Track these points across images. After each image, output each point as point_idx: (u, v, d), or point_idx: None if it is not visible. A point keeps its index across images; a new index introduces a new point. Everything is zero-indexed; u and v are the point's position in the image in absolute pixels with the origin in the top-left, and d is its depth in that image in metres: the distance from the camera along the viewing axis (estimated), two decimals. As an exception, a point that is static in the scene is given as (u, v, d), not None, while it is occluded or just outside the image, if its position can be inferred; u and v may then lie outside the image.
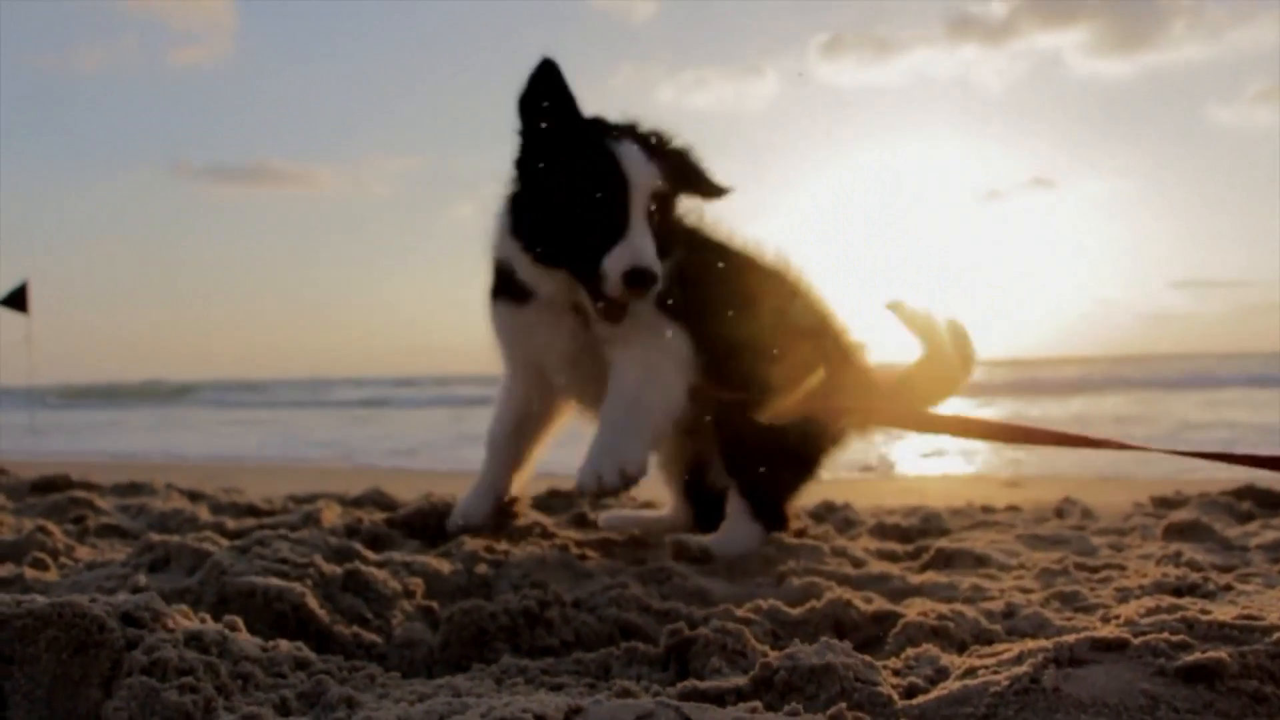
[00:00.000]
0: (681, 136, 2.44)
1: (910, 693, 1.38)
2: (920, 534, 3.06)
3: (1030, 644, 1.46)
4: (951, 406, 2.59)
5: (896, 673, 1.47)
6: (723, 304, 2.46)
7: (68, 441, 12.20)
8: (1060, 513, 3.57)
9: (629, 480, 2.30)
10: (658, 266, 2.22)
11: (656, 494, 3.21)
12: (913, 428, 2.71)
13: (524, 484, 2.86)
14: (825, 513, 3.35)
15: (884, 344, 2.74)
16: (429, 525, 2.93)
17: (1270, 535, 2.65)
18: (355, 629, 1.86)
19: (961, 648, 1.69)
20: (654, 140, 2.38)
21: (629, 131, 2.36)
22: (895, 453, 7.62)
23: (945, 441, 8.49)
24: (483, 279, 2.60)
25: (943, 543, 2.69)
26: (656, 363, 2.43)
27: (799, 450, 2.61)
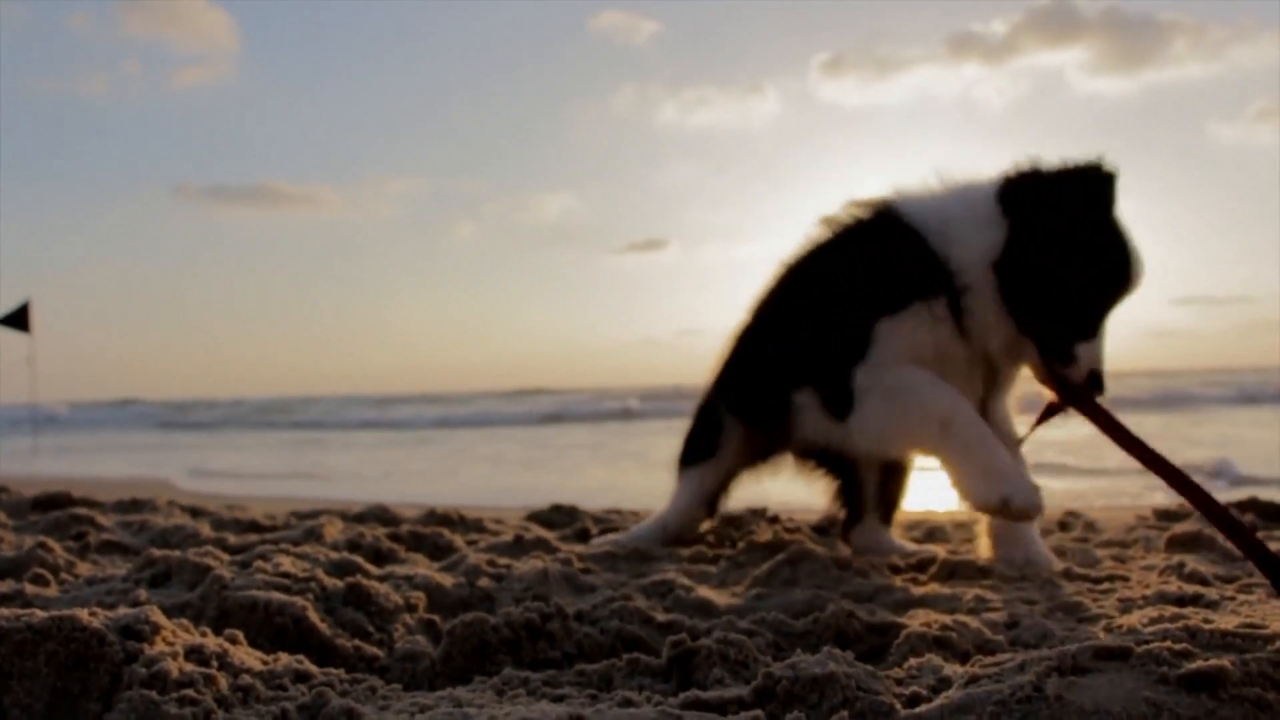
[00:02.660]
0: None
1: (913, 701, 1.37)
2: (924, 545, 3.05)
3: (1033, 653, 1.46)
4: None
5: (899, 682, 1.47)
6: None
7: (70, 461, 12.21)
8: (1064, 525, 3.57)
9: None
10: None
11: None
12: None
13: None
14: (829, 526, 3.34)
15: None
16: (431, 540, 2.93)
17: (1273, 547, 2.64)
18: (357, 642, 1.86)
19: (965, 658, 1.68)
20: None
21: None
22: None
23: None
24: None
25: (946, 554, 2.68)
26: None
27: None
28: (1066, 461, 7.83)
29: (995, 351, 2.46)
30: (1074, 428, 2.61)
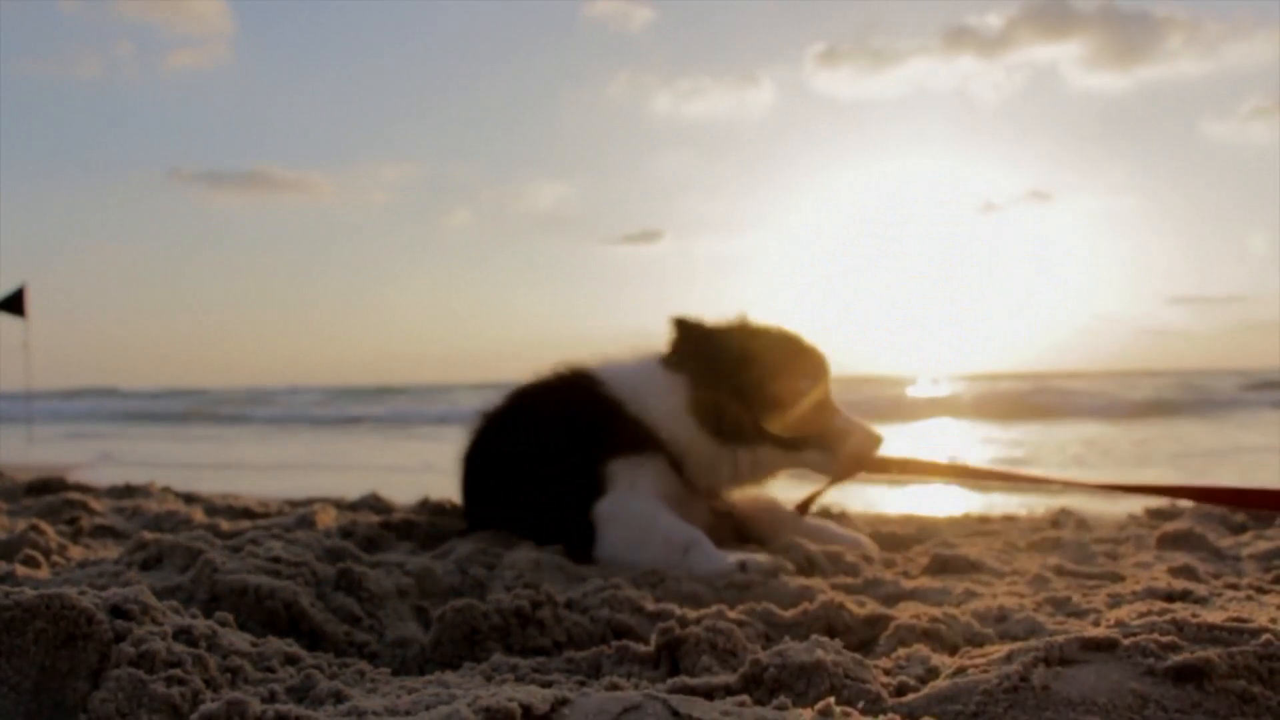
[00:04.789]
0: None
1: (900, 690, 1.38)
2: (915, 541, 3.06)
3: (1020, 644, 1.46)
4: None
5: (887, 672, 1.47)
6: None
7: (65, 448, 12.18)
8: (1055, 523, 3.57)
9: None
10: None
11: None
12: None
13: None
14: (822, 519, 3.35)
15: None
16: (424, 528, 2.93)
17: (1262, 545, 2.65)
18: (347, 628, 1.86)
19: (953, 650, 1.69)
20: None
21: None
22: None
23: (943, 455, 8.52)
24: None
25: (937, 549, 2.69)
26: None
27: None
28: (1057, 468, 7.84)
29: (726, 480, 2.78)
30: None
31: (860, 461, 2.74)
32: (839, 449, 2.70)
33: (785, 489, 2.94)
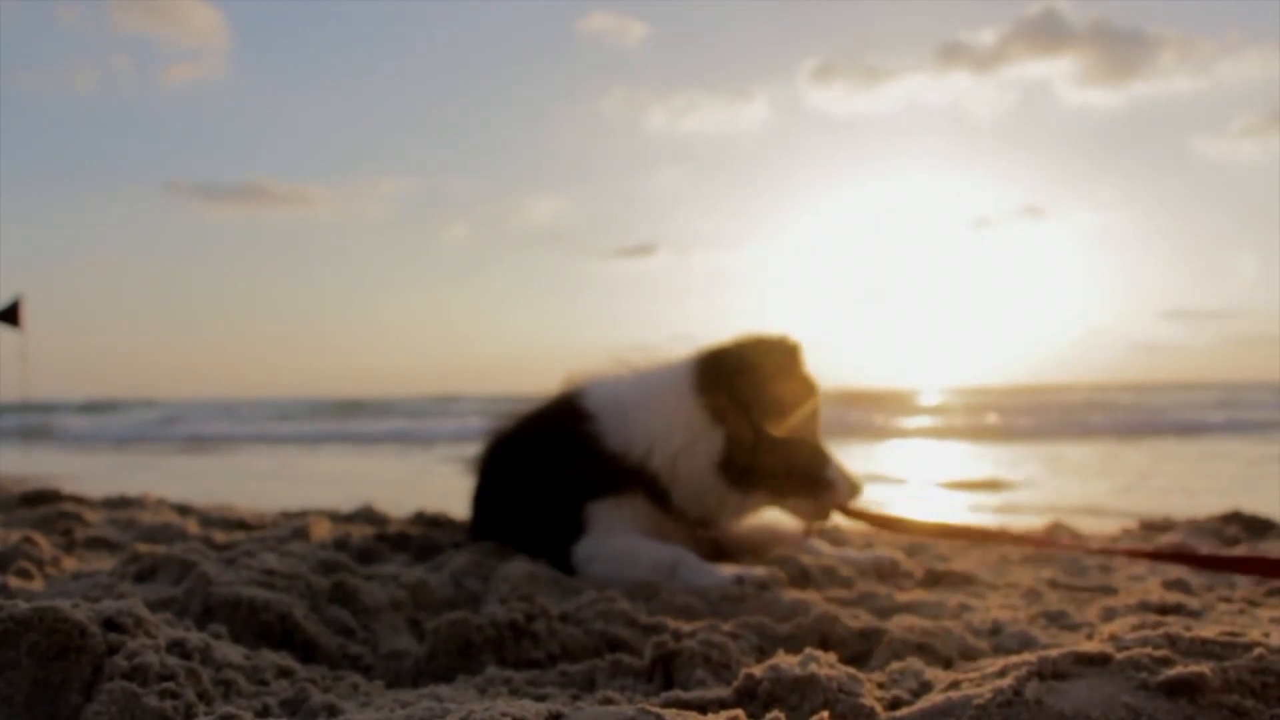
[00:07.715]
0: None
1: (894, 705, 1.38)
2: (908, 555, 3.06)
3: (1014, 658, 1.46)
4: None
5: (881, 685, 1.47)
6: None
7: (60, 459, 12.15)
8: (1049, 536, 3.57)
9: None
10: None
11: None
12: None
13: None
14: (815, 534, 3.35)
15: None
16: (418, 541, 2.93)
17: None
18: (341, 640, 1.86)
19: (947, 663, 1.69)
20: None
21: None
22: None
23: (936, 470, 8.54)
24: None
25: (931, 562, 2.69)
26: None
27: None
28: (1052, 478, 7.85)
29: (718, 516, 2.73)
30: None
31: (846, 510, 2.76)
32: (824, 498, 2.71)
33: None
